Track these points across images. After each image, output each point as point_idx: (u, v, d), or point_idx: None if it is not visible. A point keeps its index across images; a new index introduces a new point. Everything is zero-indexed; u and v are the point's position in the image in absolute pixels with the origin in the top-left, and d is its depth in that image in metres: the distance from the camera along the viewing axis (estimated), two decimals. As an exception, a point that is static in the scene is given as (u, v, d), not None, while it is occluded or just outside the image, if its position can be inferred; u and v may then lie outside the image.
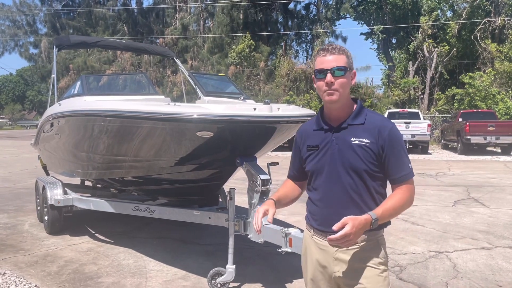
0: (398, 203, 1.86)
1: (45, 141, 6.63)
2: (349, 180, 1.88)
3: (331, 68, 1.86)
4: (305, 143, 2.04)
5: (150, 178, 4.93)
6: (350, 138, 1.88)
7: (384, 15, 33.02)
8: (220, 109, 3.60)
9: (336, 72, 1.86)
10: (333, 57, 1.87)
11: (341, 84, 1.86)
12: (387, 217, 1.84)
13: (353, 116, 1.92)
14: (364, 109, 1.97)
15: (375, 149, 1.86)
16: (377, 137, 1.86)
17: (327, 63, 1.87)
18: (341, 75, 1.86)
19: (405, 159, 1.90)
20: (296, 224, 5.78)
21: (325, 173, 1.94)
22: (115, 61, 36.68)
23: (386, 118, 1.98)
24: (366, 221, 1.73)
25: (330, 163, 1.92)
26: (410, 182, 1.91)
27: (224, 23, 33.98)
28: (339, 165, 1.89)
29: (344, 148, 1.89)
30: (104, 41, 8.12)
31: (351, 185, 1.87)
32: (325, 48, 1.93)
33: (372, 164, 1.86)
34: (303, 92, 29.40)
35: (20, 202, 7.99)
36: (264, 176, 3.68)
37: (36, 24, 46.42)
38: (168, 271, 4.39)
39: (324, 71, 1.87)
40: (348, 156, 1.87)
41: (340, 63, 1.87)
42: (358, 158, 1.86)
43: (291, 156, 2.25)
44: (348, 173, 1.88)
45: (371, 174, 1.87)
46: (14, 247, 5.26)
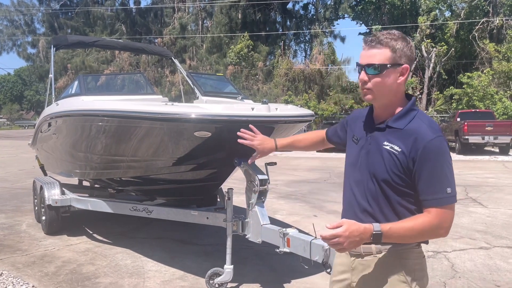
0: (416, 226, 1.57)
1: (42, 141, 6.62)
2: (371, 186, 1.69)
3: (364, 64, 1.64)
4: (353, 129, 1.87)
5: (148, 178, 4.92)
6: (383, 141, 1.66)
7: (382, 15, 33.07)
8: (218, 109, 3.59)
9: (370, 69, 1.63)
10: (371, 52, 1.64)
11: (376, 84, 1.64)
12: (396, 238, 1.58)
13: (396, 117, 1.68)
14: (412, 111, 1.69)
15: (403, 161, 1.60)
16: (410, 147, 1.59)
17: (363, 58, 1.66)
18: (375, 73, 1.62)
19: (442, 180, 1.57)
20: (294, 224, 5.77)
21: (351, 173, 1.79)
22: (113, 61, 36.65)
23: (434, 127, 1.63)
24: (365, 230, 1.54)
25: (360, 163, 1.75)
26: (445, 209, 1.57)
27: (222, 23, 33.99)
28: (365, 167, 1.72)
29: (374, 151, 1.69)
30: (102, 41, 8.11)
31: (372, 192, 1.68)
32: (367, 39, 1.67)
33: (397, 177, 1.62)
34: (301, 92, 29.42)
35: (18, 202, 7.97)
36: (262, 176, 3.67)
37: (34, 23, 46.46)
38: (166, 271, 4.38)
39: (360, 67, 1.67)
40: (374, 160, 1.68)
41: (376, 59, 1.62)
42: (383, 166, 1.64)
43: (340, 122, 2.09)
44: (371, 179, 1.69)
45: (394, 187, 1.63)
46: (12, 247, 5.24)
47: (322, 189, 9.50)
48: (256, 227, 3.71)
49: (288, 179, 11.05)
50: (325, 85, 31.04)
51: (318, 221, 6.38)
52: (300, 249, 3.22)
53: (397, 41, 1.62)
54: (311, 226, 3.99)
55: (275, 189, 9.17)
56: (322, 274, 4.04)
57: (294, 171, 12.80)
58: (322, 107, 27.26)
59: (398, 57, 1.62)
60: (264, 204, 3.77)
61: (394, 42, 1.62)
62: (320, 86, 30.48)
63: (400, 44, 1.62)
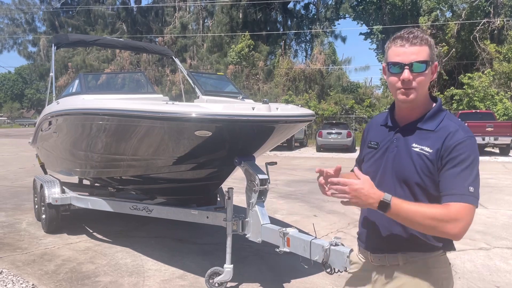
0: (429, 212, 1.48)
1: (43, 139, 6.62)
2: (400, 192, 1.59)
3: (410, 62, 1.54)
4: (368, 138, 1.81)
5: (148, 177, 4.92)
6: (412, 143, 1.59)
7: (383, 15, 33.06)
8: (219, 108, 3.59)
9: (416, 67, 1.54)
10: (414, 49, 1.55)
11: (420, 82, 1.56)
12: (404, 217, 1.49)
13: (426, 119, 1.61)
14: (441, 112, 1.63)
15: (434, 161, 1.54)
16: (441, 147, 1.54)
17: (405, 56, 1.55)
18: (422, 71, 1.55)
19: (465, 178, 1.50)
20: (294, 223, 5.78)
21: (377, 178, 1.66)
22: (114, 59, 36.67)
23: (465, 128, 1.58)
24: (375, 194, 1.48)
25: (384, 168, 1.67)
26: (464, 205, 1.48)
27: (223, 22, 34.00)
28: (392, 172, 1.63)
29: (402, 154, 1.61)
30: (103, 39, 8.10)
31: (400, 196, 1.56)
32: (404, 36, 1.58)
33: (429, 179, 1.56)
34: (302, 91, 29.43)
35: (18, 201, 7.97)
36: (262, 176, 3.67)
37: (35, 22, 46.51)
38: (165, 270, 4.38)
39: (401, 66, 1.56)
40: (403, 163, 1.60)
41: (421, 56, 1.54)
42: (413, 169, 1.57)
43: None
44: (400, 184, 1.60)
45: (426, 191, 1.57)
46: (12, 245, 5.24)
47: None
48: (256, 226, 3.71)
49: (288, 178, 11.05)
50: (325, 85, 31.07)
51: (318, 221, 6.38)
52: (300, 249, 3.22)
53: (428, 40, 1.59)
54: (311, 226, 3.99)
55: (275, 189, 9.17)
56: (322, 274, 4.04)
57: (294, 170, 12.80)
58: (323, 107, 27.26)
59: (433, 54, 1.59)
60: (264, 204, 3.77)
61: (428, 40, 1.58)
62: (321, 86, 30.50)
63: (432, 41, 1.60)
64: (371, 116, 26.99)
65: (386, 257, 1.66)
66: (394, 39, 1.61)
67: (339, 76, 32.16)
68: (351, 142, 20.25)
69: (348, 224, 6.27)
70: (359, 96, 29.16)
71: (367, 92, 30.39)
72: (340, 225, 6.22)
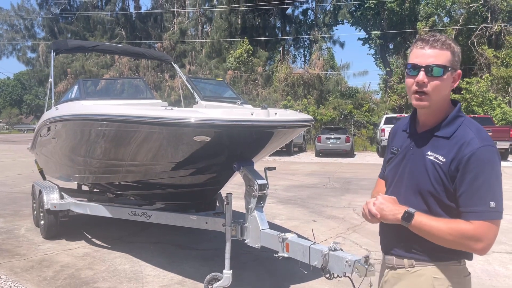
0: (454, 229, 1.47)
1: (42, 145, 6.61)
2: (413, 200, 1.58)
3: (427, 65, 1.51)
4: (393, 142, 1.78)
5: (147, 182, 4.92)
6: (427, 151, 1.56)
7: (381, 21, 33.20)
8: (218, 113, 3.60)
9: (434, 70, 1.50)
10: (433, 52, 1.51)
11: (435, 88, 1.52)
12: (427, 231, 1.49)
13: (443, 125, 1.57)
14: (459, 118, 1.57)
15: (447, 171, 1.50)
16: (455, 156, 1.49)
17: (423, 58, 1.52)
18: (438, 75, 1.50)
19: (485, 192, 1.45)
20: (293, 229, 5.77)
21: (392, 185, 1.69)
22: (113, 65, 36.69)
23: (483, 135, 1.52)
24: (399, 209, 1.52)
25: (400, 175, 1.65)
26: (487, 223, 1.47)
27: (222, 28, 34.08)
28: (406, 180, 1.62)
29: (417, 162, 1.59)
30: (102, 45, 8.12)
31: (414, 205, 1.55)
32: (425, 38, 1.55)
33: (442, 188, 1.52)
34: (300, 97, 29.47)
35: (17, 207, 7.96)
36: (261, 181, 3.67)
37: (34, 28, 46.51)
38: (164, 276, 4.37)
39: (417, 68, 1.52)
40: (417, 172, 1.58)
41: (440, 60, 1.50)
42: (427, 178, 1.54)
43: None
44: (413, 192, 1.58)
45: (439, 200, 1.54)
46: (10, 251, 5.23)
47: (321, 194, 9.49)
48: (255, 232, 3.71)
49: (287, 184, 11.05)
50: (324, 90, 31.12)
51: (317, 226, 6.37)
52: (299, 254, 3.21)
53: (455, 44, 1.54)
54: (310, 231, 3.99)
55: (274, 194, 9.17)
56: (321, 279, 4.03)
57: (293, 176, 12.80)
58: (321, 112, 27.30)
59: (456, 61, 1.54)
60: (263, 209, 3.77)
61: (453, 44, 1.54)
62: (319, 91, 30.55)
63: (457, 48, 1.55)
64: (370, 121, 27.03)
65: (394, 259, 1.68)
66: (416, 41, 1.59)
67: (337, 81, 32.21)
68: (350, 147, 20.26)
69: (347, 229, 6.27)
70: (357, 101, 29.19)
71: (366, 97, 30.43)
72: (339, 230, 6.22)
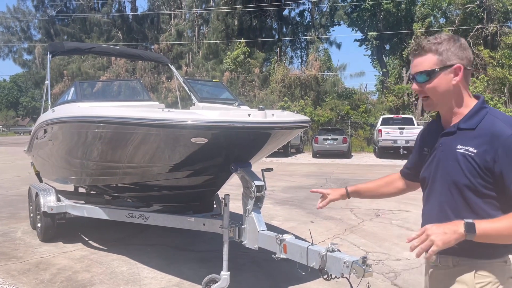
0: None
1: (38, 147, 6.59)
2: (448, 196, 1.59)
3: (413, 74, 1.65)
4: (424, 143, 1.81)
5: (144, 184, 4.91)
6: (456, 145, 1.58)
7: (377, 22, 33.29)
8: (215, 115, 3.60)
9: (418, 78, 1.63)
10: (417, 60, 1.63)
11: (430, 90, 1.62)
12: (491, 235, 1.45)
13: (466, 118, 1.61)
14: (483, 110, 1.61)
15: (481, 162, 1.51)
16: (487, 147, 1.50)
17: (412, 68, 1.66)
18: (423, 81, 1.62)
19: None
20: (291, 230, 5.77)
21: (428, 184, 1.70)
22: (110, 67, 36.65)
23: (510, 122, 1.54)
24: (454, 224, 1.44)
25: (433, 173, 1.67)
26: None
27: (219, 29, 34.09)
28: (439, 177, 1.63)
29: (448, 157, 1.60)
30: (98, 47, 8.11)
31: (449, 202, 1.58)
32: (411, 49, 1.68)
33: (479, 179, 1.52)
34: (297, 98, 29.50)
35: (13, 209, 7.92)
36: (258, 182, 3.67)
37: (30, 30, 46.38)
38: (162, 278, 4.36)
39: (411, 77, 1.67)
40: (449, 167, 1.59)
41: (423, 67, 1.61)
42: (460, 171, 1.54)
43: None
44: (448, 188, 1.59)
45: (477, 191, 1.53)
46: (7, 254, 5.20)
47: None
48: (252, 233, 3.71)
49: (285, 185, 11.05)
50: (321, 91, 31.15)
51: (314, 227, 6.38)
52: (296, 255, 3.21)
53: (441, 43, 1.59)
54: (308, 232, 3.99)
55: (272, 195, 9.17)
56: (319, 281, 4.03)
57: (290, 177, 12.80)
58: (318, 113, 27.33)
59: (445, 59, 1.58)
60: (260, 210, 3.77)
61: (437, 45, 1.59)
62: (316, 92, 30.58)
63: (445, 45, 1.59)
64: (367, 122, 27.07)
65: (438, 257, 1.65)
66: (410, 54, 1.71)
67: (334, 82, 32.25)
68: (347, 148, 20.29)
69: (344, 230, 6.27)
70: (354, 102, 29.25)
71: (363, 98, 30.50)
72: (336, 231, 6.22)
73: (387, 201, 6.72)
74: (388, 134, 18.72)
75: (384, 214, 7.29)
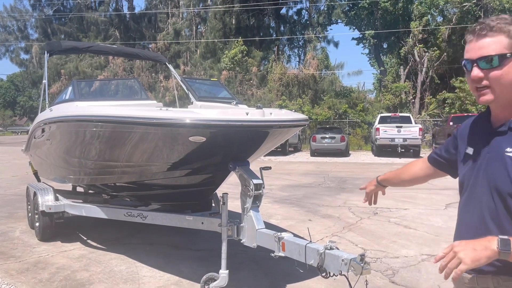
0: None
1: (36, 147, 6.58)
2: (491, 203, 1.39)
3: (477, 58, 1.37)
4: (464, 142, 1.60)
5: (143, 183, 4.92)
6: (506, 147, 1.37)
7: (375, 20, 33.31)
8: (213, 114, 3.60)
9: (483, 64, 1.36)
10: (483, 42, 1.36)
11: (495, 79, 1.35)
12: None
13: None
14: None
15: None
16: None
17: (472, 52, 1.39)
18: (491, 67, 1.35)
19: None
20: (289, 228, 5.78)
21: (468, 189, 1.50)
22: (107, 66, 36.60)
23: None
24: (487, 240, 1.26)
25: (475, 178, 1.47)
26: None
27: (216, 28, 34.07)
28: (483, 182, 1.43)
29: (495, 160, 1.40)
30: (95, 46, 8.09)
31: (492, 210, 1.39)
32: (473, 29, 1.41)
33: None
34: (295, 96, 29.52)
35: (11, 209, 7.91)
36: (257, 181, 3.68)
37: (27, 29, 46.30)
38: (161, 277, 4.36)
39: (470, 63, 1.39)
40: (495, 171, 1.39)
41: (490, 50, 1.35)
42: (506, 177, 1.34)
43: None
44: (491, 194, 1.39)
45: None
46: (5, 254, 5.20)
47: (317, 193, 9.52)
48: (251, 231, 3.72)
49: (283, 183, 11.07)
50: (319, 90, 31.19)
51: (312, 225, 6.39)
52: (295, 253, 3.22)
53: (504, 27, 1.36)
54: (306, 230, 4.00)
55: (270, 194, 9.18)
56: (317, 278, 4.04)
57: (288, 175, 12.82)
58: (316, 112, 27.36)
59: None
60: (259, 209, 3.78)
61: (509, 26, 1.36)
62: (314, 91, 30.62)
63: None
64: (364, 120, 27.11)
65: (475, 278, 1.47)
66: (466, 35, 1.45)
67: (332, 81, 32.29)
68: (345, 146, 20.32)
69: (343, 228, 6.29)
70: (352, 101, 29.28)
71: (360, 97, 30.53)
72: (335, 229, 6.24)
73: (384, 199, 6.74)
74: (386, 132, 18.76)
75: (382, 212, 7.31)
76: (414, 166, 2.03)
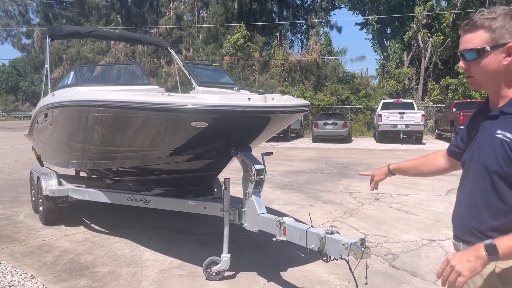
0: None
1: (39, 132, 6.61)
2: (480, 180, 1.51)
3: (461, 51, 1.54)
4: (472, 125, 1.71)
5: (145, 168, 4.94)
6: (496, 130, 1.48)
7: (379, 5, 32.93)
8: (215, 99, 3.60)
9: (466, 55, 1.53)
10: (467, 37, 1.52)
11: (477, 70, 1.52)
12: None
13: (511, 102, 1.50)
14: None
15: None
16: None
17: (461, 44, 1.55)
18: (471, 59, 1.51)
19: None
20: (291, 213, 5.83)
21: (465, 167, 1.63)
22: (109, 51, 36.42)
23: None
24: (475, 249, 1.35)
25: (471, 157, 1.59)
26: None
27: (218, 13, 33.77)
28: (475, 162, 1.54)
29: (487, 142, 1.51)
30: (97, 31, 8.08)
31: (481, 187, 1.50)
32: (463, 23, 1.55)
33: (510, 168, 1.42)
34: (298, 82, 29.38)
35: (15, 193, 7.98)
36: (258, 166, 3.70)
37: (29, 14, 45.96)
38: (163, 260, 4.42)
39: (459, 54, 1.57)
40: (485, 152, 1.49)
41: (472, 44, 1.50)
42: (494, 157, 1.45)
43: None
44: (481, 174, 1.50)
45: (508, 181, 1.43)
46: (10, 237, 5.26)
47: (318, 179, 9.55)
48: (252, 216, 3.75)
49: (285, 169, 11.10)
50: (321, 76, 31.03)
51: (314, 210, 6.43)
52: (296, 238, 3.26)
53: (495, 19, 1.45)
54: (307, 216, 4.03)
55: (272, 179, 9.22)
56: (318, 262, 4.09)
57: (290, 161, 12.84)
58: (319, 98, 27.26)
59: (498, 37, 1.45)
60: (260, 194, 3.81)
61: (490, 21, 1.46)
62: (317, 76, 30.46)
63: (500, 22, 1.45)
64: (367, 106, 27.02)
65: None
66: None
67: (335, 66, 32.11)
68: (347, 133, 20.30)
69: (344, 213, 6.33)
70: (355, 87, 29.14)
71: (363, 83, 30.38)
72: (336, 214, 6.28)
73: (386, 184, 6.76)
74: (388, 118, 18.71)
75: (383, 198, 7.34)
76: (436, 159, 2.04)
